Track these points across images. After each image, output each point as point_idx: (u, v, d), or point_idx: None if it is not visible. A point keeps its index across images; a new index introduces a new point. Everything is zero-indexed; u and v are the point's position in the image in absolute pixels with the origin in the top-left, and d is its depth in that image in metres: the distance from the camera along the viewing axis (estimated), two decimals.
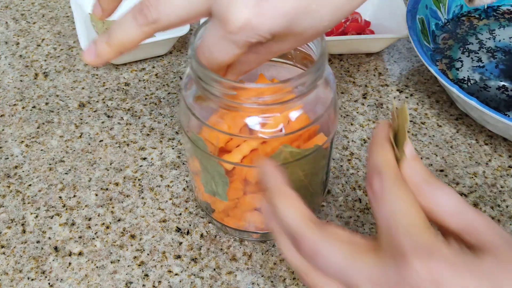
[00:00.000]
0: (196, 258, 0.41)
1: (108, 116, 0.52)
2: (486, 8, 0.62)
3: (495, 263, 0.24)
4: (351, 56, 0.59)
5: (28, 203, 0.45)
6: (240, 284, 0.39)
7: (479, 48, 0.57)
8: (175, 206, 0.44)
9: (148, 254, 0.41)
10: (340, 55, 0.60)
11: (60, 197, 0.45)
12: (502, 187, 0.46)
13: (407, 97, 0.55)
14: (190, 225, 0.43)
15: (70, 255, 0.41)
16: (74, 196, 0.45)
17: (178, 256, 0.41)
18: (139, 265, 0.40)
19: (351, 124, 0.52)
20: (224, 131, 0.33)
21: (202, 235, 0.42)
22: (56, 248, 0.42)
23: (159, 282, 0.39)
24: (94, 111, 0.53)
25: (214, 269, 0.40)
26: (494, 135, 0.51)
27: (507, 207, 0.45)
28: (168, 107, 0.53)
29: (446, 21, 0.60)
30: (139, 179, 0.46)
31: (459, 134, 0.51)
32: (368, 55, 0.60)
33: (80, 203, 0.45)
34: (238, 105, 0.32)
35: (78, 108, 0.53)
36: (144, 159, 0.48)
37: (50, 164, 0.48)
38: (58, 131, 0.51)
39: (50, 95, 0.55)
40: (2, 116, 0.53)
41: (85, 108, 0.53)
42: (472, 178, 0.47)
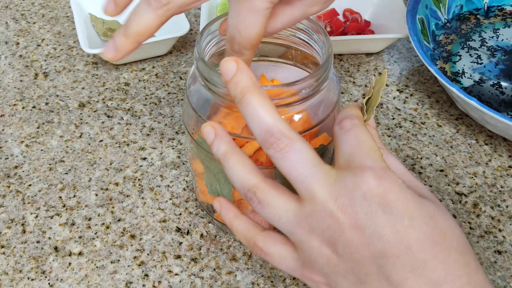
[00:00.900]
0: (196, 258, 0.41)
1: (108, 116, 0.52)
2: (486, 8, 0.62)
3: (434, 207, 0.27)
4: (351, 56, 0.59)
5: (28, 203, 0.45)
6: (240, 284, 0.39)
7: (480, 46, 0.57)
8: (175, 206, 0.44)
9: (148, 254, 0.41)
10: (340, 55, 0.60)
11: (60, 197, 0.45)
12: (502, 187, 0.46)
13: (407, 97, 0.55)
14: (190, 225, 0.43)
15: (70, 255, 0.41)
16: (74, 196, 0.45)
17: (178, 256, 0.41)
18: (139, 265, 0.40)
19: None
20: (230, 132, 0.33)
21: (202, 235, 0.42)
22: (56, 248, 0.42)
23: (159, 282, 0.39)
24: (94, 111, 0.53)
25: (214, 269, 0.40)
26: (494, 135, 0.51)
27: (507, 207, 0.45)
28: (168, 107, 0.53)
29: (446, 21, 0.60)
30: (139, 179, 0.47)
31: (459, 134, 0.51)
32: (368, 55, 0.60)
33: (80, 203, 0.45)
34: None
35: (78, 108, 0.53)
36: (144, 159, 0.48)
37: (50, 164, 0.48)
38: (58, 131, 0.51)
39: (50, 95, 0.55)
40: (2, 116, 0.53)
41: (85, 108, 0.53)
42: (472, 178, 0.47)
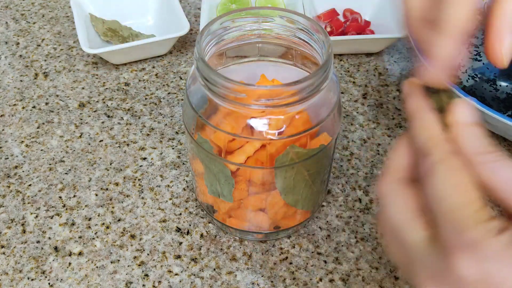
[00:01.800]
0: (196, 258, 0.41)
1: (108, 116, 0.52)
2: (485, 8, 0.62)
3: None
4: (351, 56, 0.59)
5: (28, 203, 0.45)
6: (240, 284, 0.39)
7: (481, 44, 0.57)
8: (175, 206, 0.44)
9: (148, 254, 0.41)
10: (340, 55, 0.60)
11: (60, 197, 0.45)
12: None
13: None
14: (190, 225, 0.43)
15: (70, 255, 0.41)
16: (74, 196, 0.45)
17: (178, 256, 0.41)
18: (139, 265, 0.40)
19: (351, 124, 0.52)
20: (230, 132, 0.33)
21: (202, 235, 0.42)
22: (56, 248, 0.42)
23: (159, 282, 0.39)
24: (94, 111, 0.53)
25: (214, 269, 0.40)
26: (494, 135, 0.51)
27: None
28: (168, 107, 0.53)
29: None
30: (139, 179, 0.46)
31: None
32: (368, 55, 0.60)
33: (80, 203, 0.45)
34: (244, 106, 0.31)
35: (78, 108, 0.53)
36: (144, 159, 0.48)
37: (50, 164, 0.48)
38: (58, 131, 0.51)
39: (50, 95, 0.55)
40: (2, 116, 0.53)
41: (85, 108, 0.53)
42: None
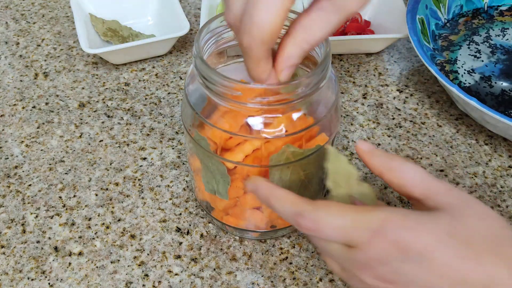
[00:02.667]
0: (196, 258, 0.41)
1: (108, 116, 0.52)
2: (486, 9, 0.62)
3: (449, 218, 0.27)
4: (351, 56, 0.59)
5: (28, 203, 0.45)
6: (240, 284, 0.39)
7: (483, 41, 0.57)
8: (175, 206, 0.44)
9: (148, 254, 0.41)
10: (340, 55, 0.60)
11: (60, 197, 0.45)
12: (502, 187, 0.46)
13: (407, 97, 0.55)
14: (190, 225, 0.43)
15: (70, 255, 0.41)
16: (74, 196, 0.45)
17: (178, 256, 0.41)
18: (139, 265, 0.40)
19: (351, 124, 0.52)
20: (227, 130, 0.33)
21: (202, 235, 0.42)
22: (56, 248, 0.42)
23: (159, 282, 0.39)
24: (94, 111, 0.53)
25: (214, 269, 0.40)
26: (494, 135, 0.51)
27: (507, 207, 0.45)
28: (168, 107, 0.53)
29: (446, 21, 0.60)
30: (139, 179, 0.46)
31: (459, 134, 0.51)
32: (368, 55, 0.60)
33: (80, 203, 0.45)
34: (241, 105, 0.32)
35: (78, 108, 0.53)
36: (144, 159, 0.48)
37: (50, 164, 0.48)
38: (58, 131, 0.51)
39: (50, 95, 0.55)
40: (2, 116, 0.53)
41: (85, 108, 0.53)
42: (472, 178, 0.47)
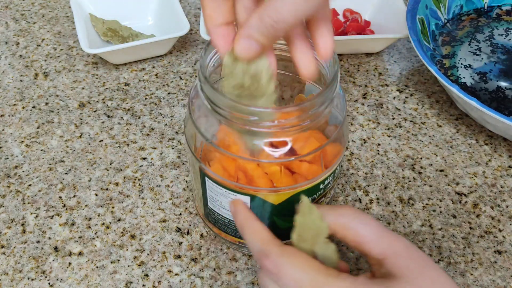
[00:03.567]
0: (196, 258, 0.41)
1: (108, 116, 0.52)
2: (486, 8, 0.62)
3: (408, 286, 0.26)
4: (351, 56, 0.59)
5: (28, 203, 0.45)
6: (240, 284, 0.39)
7: (484, 40, 0.57)
8: (175, 206, 0.44)
9: (148, 254, 0.41)
10: (340, 55, 0.60)
11: (60, 197, 0.45)
12: (502, 187, 0.46)
13: (407, 97, 0.55)
14: (190, 225, 0.43)
15: (70, 255, 0.41)
16: (74, 196, 0.45)
17: (178, 256, 0.41)
18: (139, 265, 0.40)
19: (351, 124, 0.52)
20: (235, 154, 0.32)
21: (202, 235, 0.42)
22: (56, 248, 0.42)
23: (159, 282, 0.39)
24: (94, 111, 0.53)
25: (214, 269, 0.40)
26: (494, 135, 0.51)
27: (507, 207, 0.45)
28: (168, 107, 0.53)
29: (446, 21, 0.60)
30: (139, 179, 0.46)
31: (459, 134, 0.51)
32: (368, 55, 0.60)
33: (80, 203, 0.45)
34: (254, 128, 0.30)
35: (78, 108, 0.53)
36: (144, 159, 0.48)
37: (50, 164, 0.48)
38: (58, 131, 0.51)
39: (50, 95, 0.55)
40: (2, 116, 0.53)
41: (85, 108, 0.53)
42: (472, 178, 0.47)
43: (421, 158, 0.49)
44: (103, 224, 0.43)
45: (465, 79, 0.53)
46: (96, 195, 0.45)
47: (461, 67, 0.54)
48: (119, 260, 0.41)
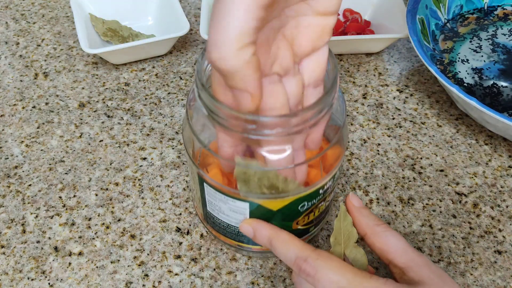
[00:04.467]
0: (196, 258, 0.41)
1: (108, 116, 0.52)
2: (486, 8, 0.62)
3: None
4: (351, 56, 0.59)
5: (28, 203, 0.45)
6: (240, 284, 0.39)
7: (487, 38, 0.58)
8: (175, 206, 0.44)
9: (148, 254, 0.41)
10: (340, 55, 0.60)
11: (60, 197, 0.45)
12: (502, 187, 0.46)
13: (407, 97, 0.55)
14: (190, 225, 0.43)
15: (70, 255, 0.41)
16: (74, 196, 0.45)
17: (178, 256, 0.41)
18: (139, 265, 0.40)
19: (351, 124, 0.52)
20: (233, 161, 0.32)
21: (202, 235, 0.42)
22: (56, 248, 0.42)
23: (159, 282, 0.39)
24: (94, 111, 0.53)
25: (214, 269, 0.40)
26: (494, 135, 0.51)
27: (507, 207, 0.45)
28: (168, 107, 0.53)
29: (446, 21, 0.60)
30: (139, 179, 0.47)
31: (459, 134, 0.51)
32: (368, 55, 0.60)
33: (80, 203, 0.45)
34: (254, 137, 0.29)
35: (78, 108, 0.53)
36: (144, 159, 0.48)
37: (50, 164, 0.48)
38: (58, 131, 0.51)
39: (50, 95, 0.55)
40: (2, 116, 0.53)
41: (85, 108, 0.53)
42: (472, 178, 0.47)
43: (421, 158, 0.49)
44: (103, 224, 0.43)
45: (460, 73, 0.54)
46: (96, 195, 0.45)
47: (458, 60, 0.55)
48: (119, 260, 0.41)
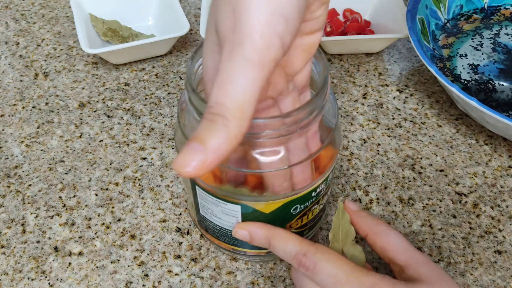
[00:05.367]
0: (196, 258, 0.41)
1: (108, 116, 0.52)
2: (486, 8, 0.62)
3: None
4: (351, 56, 0.59)
5: (28, 203, 0.45)
6: (240, 284, 0.39)
7: (489, 37, 0.58)
8: (175, 206, 0.44)
9: (148, 254, 0.41)
10: (340, 55, 0.60)
11: (60, 197, 0.45)
12: (502, 187, 0.46)
13: (407, 97, 0.55)
14: (190, 225, 0.43)
15: (70, 255, 0.41)
16: (74, 196, 0.45)
17: (178, 256, 0.41)
18: (139, 265, 0.40)
19: (351, 124, 0.52)
20: (229, 166, 0.31)
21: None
22: (56, 248, 0.42)
23: (159, 282, 0.39)
24: (94, 111, 0.53)
25: (214, 269, 0.40)
26: (494, 135, 0.51)
27: (507, 207, 0.45)
28: (168, 107, 0.53)
29: (446, 21, 0.60)
30: (139, 179, 0.47)
31: (459, 134, 0.51)
32: (368, 55, 0.60)
33: (80, 203, 0.45)
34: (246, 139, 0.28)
35: (78, 108, 0.53)
36: (144, 159, 0.48)
37: (50, 164, 0.48)
38: (58, 131, 0.51)
39: (50, 95, 0.55)
40: (2, 116, 0.53)
41: (85, 108, 0.53)
42: (472, 178, 0.47)
43: (421, 158, 0.49)
44: (103, 224, 0.43)
45: (457, 69, 0.54)
46: (96, 195, 0.45)
47: (457, 55, 0.55)
48: (119, 260, 0.41)
